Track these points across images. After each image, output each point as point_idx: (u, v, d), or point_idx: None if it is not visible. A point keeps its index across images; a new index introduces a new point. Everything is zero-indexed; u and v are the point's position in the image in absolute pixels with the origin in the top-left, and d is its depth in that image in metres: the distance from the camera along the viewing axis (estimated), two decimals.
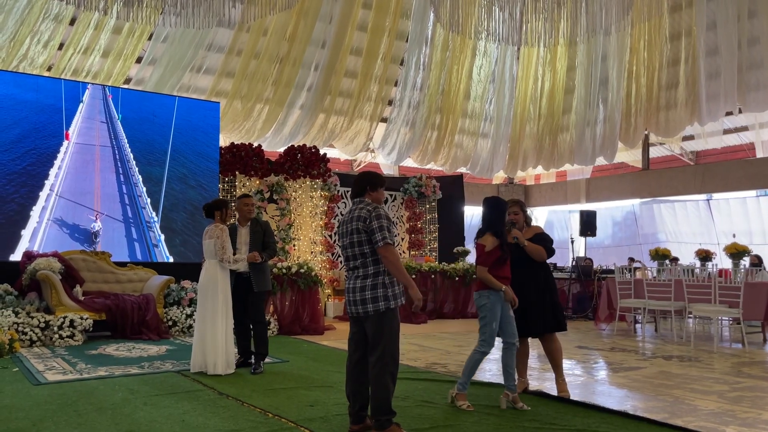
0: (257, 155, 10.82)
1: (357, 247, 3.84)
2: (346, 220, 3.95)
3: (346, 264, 3.99)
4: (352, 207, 4.00)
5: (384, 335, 3.79)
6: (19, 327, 7.17)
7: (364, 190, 4.00)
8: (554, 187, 18.76)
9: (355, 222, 3.84)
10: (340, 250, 4.06)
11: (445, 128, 15.56)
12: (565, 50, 14.79)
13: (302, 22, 12.71)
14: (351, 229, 3.86)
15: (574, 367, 6.55)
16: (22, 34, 10.25)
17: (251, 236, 6.01)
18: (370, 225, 3.78)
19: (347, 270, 3.98)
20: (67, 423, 3.99)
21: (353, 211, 3.93)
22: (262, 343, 5.98)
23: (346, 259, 3.97)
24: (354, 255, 3.88)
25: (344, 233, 3.93)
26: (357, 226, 3.83)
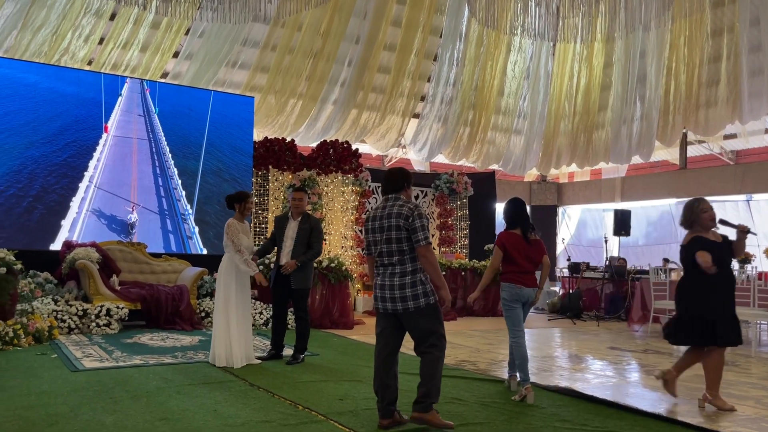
0: (290, 150, 10.89)
1: (395, 243, 3.85)
2: (382, 215, 3.92)
3: (378, 259, 3.95)
4: (386, 202, 3.98)
5: (432, 327, 3.86)
6: (58, 314, 7.36)
7: (401, 186, 4.00)
8: (588, 185, 18.49)
9: (395, 218, 3.84)
10: (371, 245, 4.01)
11: (477, 124, 15.46)
12: (602, 46, 14.54)
13: (337, 18, 12.74)
14: (389, 225, 3.85)
15: (606, 368, 6.46)
16: (64, 28, 10.48)
17: (298, 232, 5.97)
18: (413, 223, 3.81)
19: (379, 265, 3.96)
20: (103, 409, 4.09)
21: (390, 207, 3.92)
22: (299, 338, 6.03)
23: (380, 255, 3.93)
24: (390, 251, 3.87)
25: (379, 228, 3.91)
26: (398, 223, 3.83)
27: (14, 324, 6.41)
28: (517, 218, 5.05)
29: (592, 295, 11.51)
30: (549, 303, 11.88)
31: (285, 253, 5.98)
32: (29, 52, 10.32)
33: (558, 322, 10.39)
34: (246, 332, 5.80)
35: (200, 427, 3.77)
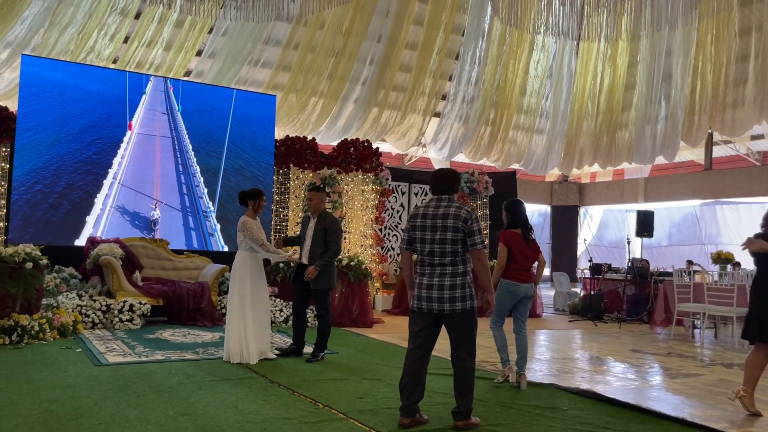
0: (311, 148, 10.93)
1: (450, 244, 3.85)
2: (435, 214, 3.90)
3: (427, 258, 3.91)
4: (439, 202, 3.96)
5: (472, 332, 3.93)
6: (82, 309, 7.46)
7: (454, 188, 4.02)
8: (610, 185, 18.32)
9: (452, 220, 3.84)
10: (417, 242, 3.94)
11: (499, 124, 15.39)
12: (626, 45, 14.38)
13: (359, 16, 12.76)
14: (445, 226, 3.84)
15: (628, 370, 6.39)
16: (90, 27, 10.64)
17: (314, 232, 6.00)
18: (471, 227, 3.85)
19: (426, 264, 3.92)
20: (127, 403, 4.14)
21: (444, 207, 3.91)
22: (320, 336, 6.05)
23: (430, 254, 3.89)
24: (443, 251, 3.86)
25: (431, 227, 3.88)
26: (455, 225, 3.84)
27: (40, 318, 6.52)
28: (518, 219, 5.45)
29: (613, 297, 11.38)
30: (570, 304, 11.78)
31: (304, 252, 6.05)
32: (56, 50, 10.49)
33: (579, 324, 10.30)
34: (263, 328, 5.84)
35: (222, 422, 3.80)
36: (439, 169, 4.24)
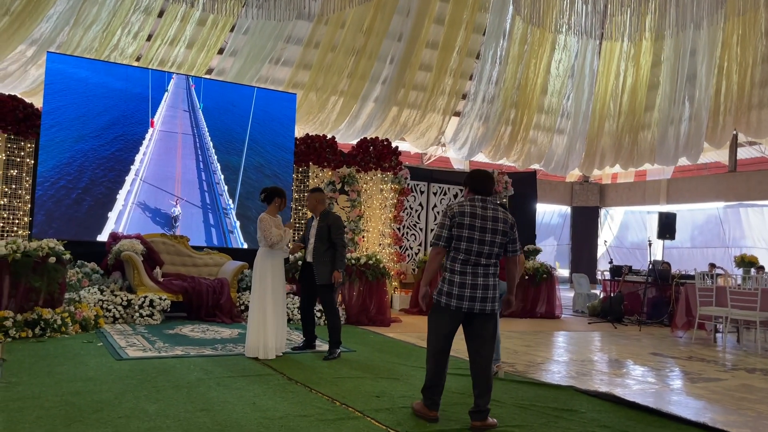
0: (331, 147, 10.95)
1: (498, 247, 3.96)
2: (485, 216, 3.94)
3: (474, 258, 3.92)
4: (485, 204, 4.00)
5: (497, 330, 4.14)
6: (104, 304, 7.56)
7: (493, 190, 4.11)
8: (632, 186, 18.12)
9: (502, 224, 3.96)
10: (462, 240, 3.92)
11: (519, 123, 15.30)
12: (650, 45, 14.21)
13: (380, 15, 12.76)
14: (496, 229, 3.94)
15: (647, 374, 6.32)
16: (114, 25, 10.76)
17: (317, 230, 6.14)
18: (514, 233, 4.03)
19: (472, 264, 3.93)
20: (146, 398, 4.18)
21: (493, 210, 3.99)
22: (331, 331, 6.10)
23: (478, 254, 3.92)
24: (491, 254, 3.95)
25: (480, 228, 3.92)
26: (504, 230, 3.96)
27: (62, 312, 6.62)
28: None
29: (634, 299, 11.26)
30: (589, 306, 11.67)
31: (309, 250, 6.19)
32: (81, 48, 10.63)
33: (598, 326, 10.20)
34: (281, 324, 5.92)
35: (239, 419, 3.82)
36: (480, 170, 4.23)
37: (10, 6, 9.87)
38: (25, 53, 10.56)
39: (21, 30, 10.05)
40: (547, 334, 9.04)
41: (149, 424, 3.63)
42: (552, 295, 11.15)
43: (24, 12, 9.93)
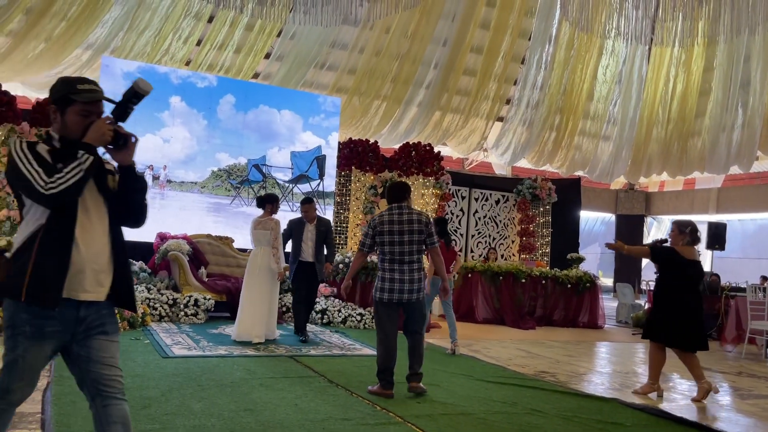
0: (373, 151, 11.01)
1: (416, 245, 4.71)
2: (400, 220, 4.70)
3: (398, 257, 4.69)
4: (400, 210, 4.75)
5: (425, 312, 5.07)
6: (150, 302, 7.75)
7: (406, 196, 4.85)
8: (679, 195, 17.68)
9: (416, 224, 4.70)
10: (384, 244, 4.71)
11: (564, 129, 15.08)
12: (702, 50, 13.82)
13: (425, 20, 12.76)
14: (412, 230, 4.69)
15: (694, 388, 6.14)
16: (166, 30, 11.04)
17: (316, 234, 7.05)
18: (430, 229, 4.77)
19: (394, 262, 4.70)
20: (192, 396, 4.27)
21: (407, 214, 4.73)
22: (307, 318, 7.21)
23: (400, 254, 4.69)
24: (411, 251, 4.71)
25: (398, 231, 4.68)
26: (419, 228, 4.71)
27: None
28: (442, 233, 6.98)
29: None
30: (633, 317, 11.41)
31: (309, 253, 7.02)
32: (133, 52, 10.94)
33: None
34: (270, 312, 6.75)
35: (282, 420, 3.87)
36: (395, 182, 5.10)
37: (67, 11, 10.23)
38: (81, 57, 10.92)
39: (77, 35, 10.41)
40: (590, 344, 8.88)
41: (195, 421, 3.71)
42: (595, 305, 10.95)
43: (80, 17, 10.28)
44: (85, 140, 2.23)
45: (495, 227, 13.03)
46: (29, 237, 2.22)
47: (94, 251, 2.28)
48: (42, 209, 2.21)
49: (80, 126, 2.26)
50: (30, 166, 2.15)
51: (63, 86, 2.30)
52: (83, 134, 2.23)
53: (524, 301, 10.44)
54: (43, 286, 2.18)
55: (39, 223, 2.21)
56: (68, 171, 2.15)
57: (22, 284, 2.19)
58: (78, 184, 2.16)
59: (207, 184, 9.90)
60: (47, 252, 2.20)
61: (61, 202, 2.16)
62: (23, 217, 2.30)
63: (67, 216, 2.22)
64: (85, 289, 2.26)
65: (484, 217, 12.97)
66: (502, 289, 10.29)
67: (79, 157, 2.17)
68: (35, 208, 2.24)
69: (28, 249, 2.21)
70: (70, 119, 2.27)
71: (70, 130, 2.28)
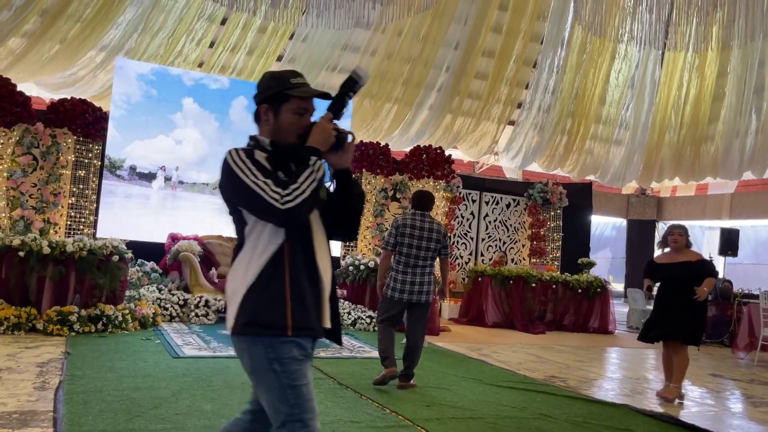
0: (384, 154, 11.00)
1: (432, 251, 5.07)
2: (422, 227, 5.04)
3: (413, 260, 5.02)
4: (423, 218, 5.08)
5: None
6: (161, 302, 7.79)
7: (432, 207, 5.21)
8: (692, 200, 17.54)
9: (435, 233, 5.07)
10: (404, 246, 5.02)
11: (576, 133, 15.02)
12: (716, 55, 13.72)
13: (437, 23, 12.76)
14: (430, 237, 5.04)
15: (706, 396, 6.10)
16: (179, 32, 11.11)
17: None
18: (446, 241, 5.15)
19: (411, 265, 5.02)
20: (202, 396, 4.29)
21: (429, 222, 5.08)
22: None
23: (416, 257, 5.02)
24: (426, 256, 5.05)
25: (418, 236, 5.04)
26: (438, 237, 5.08)
27: (123, 309, 6.86)
28: None
29: None
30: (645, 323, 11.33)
31: None
32: (147, 54, 11.01)
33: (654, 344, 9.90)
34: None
35: None
36: (422, 191, 5.33)
37: (83, 13, 10.31)
38: (95, 59, 11.00)
39: (92, 36, 10.49)
40: (600, 349, 8.84)
41: (205, 422, 3.73)
42: (605, 310, 10.88)
43: (95, 19, 10.36)
44: (309, 143, 1.93)
45: (505, 231, 13.00)
46: (269, 263, 1.91)
47: (328, 272, 2.01)
48: (272, 229, 1.91)
49: (295, 127, 1.99)
50: (256, 178, 1.85)
51: (275, 81, 2.02)
52: (302, 136, 1.97)
53: (534, 305, 10.40)
54: (307, 315, 1.92)
55: (276, 245, 1.91)
56: (303, 180, 1.85)
57: (284, 317, 1.90)
58: (314, 196, 1.87)
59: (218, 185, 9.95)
60: (300, 277, 1.91)
61: (297, 218, 1.85)
62: (243, 239, 1.98)
63: (305, 234, 1.94)
64: (326, 315, 2.01)
65: (495, 220, 12.94)
66: (512, 294, 10.26)
67: (311, 164, 1.88)
68: (262, 228, 1.93)
69: (275, 277, 1.90)
70: (286, 119, 1.99)
71: (285, 133, 2.00)
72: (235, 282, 1.98)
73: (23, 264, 6.45)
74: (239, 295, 1.94)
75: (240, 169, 1.90)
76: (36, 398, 3.98)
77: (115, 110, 9.22)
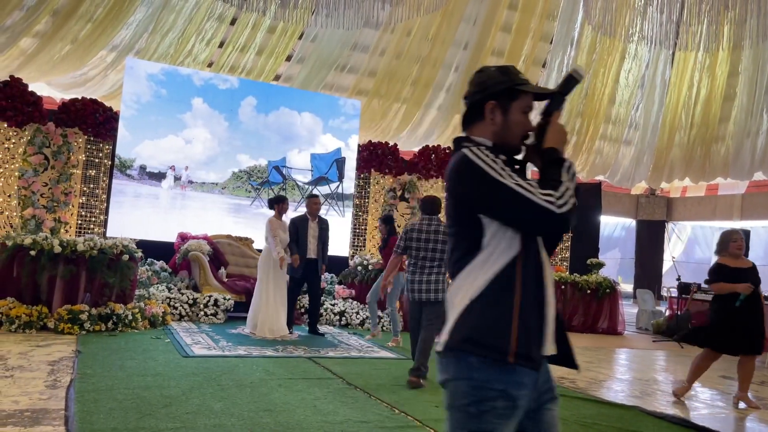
0: (392, 154, 11.01)
1: (439, 252, 5.30)
2: (430, 230, 5.35)
3: (421, 261, 5.30)
4: (430, 221, 5.40)
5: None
6: (171, 302, 7.83)
7: (439, 210, 5.51)
8: (702, 201, 17.43)
9: (441, 235, 5.34)
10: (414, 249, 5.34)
11: (585, 134, 14.96)
12: (727, 55, 13.62)
13: (446, 23, 12.73)
14: (437, 239, 5.34)
15: (716, 397, 6.07)
16: (189, 32, 11.13)
17: (319, 232, 7.49)
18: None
19: (420, 267, 5.30)
20: (212, 395, 4.31)
21: (435, 225, 5.39)
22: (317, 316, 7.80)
23: (423, 258, 5.30)
24: (434, 257, 5.31)
25: (425, 239, 5.34)
26: (444, 239, 5.31)
27: (133, 308, 6.89)
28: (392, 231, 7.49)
29: (702, 318, 10.81)
30: (654, 323, 11.28)
31: (311, 248, 7.41)
32: (157, 54, 11.05)
33: (663, 345, 9.86)
34: (278, 310, 7.05)
35: (301, 421, 3.88)
36: (429, 196, 5.63)
37: (93, 13, 10.36)
38: (105, 59, 11.04)
39: (103, 36, 10.53)
40: (609, 350, 8.80)
41: (215, 421, 3.74)
42: (615, 311, 10.84)
43: (106, 19, 10.40)
44: (549, 145, 1.74)
45: None
46: (501, 274, 1.67)
47: (552, 288, 1.76)
48: (510, 238, 1.68)
49: (522, 127, 1.79)
50: (516, 180, 1.63)
51: (505, 76, 1.81)
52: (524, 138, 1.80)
53: None
54: (529, 341, 1.65)
55: (509, 257, 1.68)
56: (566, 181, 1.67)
57: (509, 338, 1.63)
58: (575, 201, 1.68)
59: (228, 185, 9.98)
60: (529, 294, 1.68)
61: (571, 223, 1.64)
62: (473, 249, 1.72)
63: (535, 245, 1.73)
64: (551, 340, 1.75)
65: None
66: None
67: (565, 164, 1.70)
68: (501, 237, 1.69)
69: (506, 290, 1.66)
70: (515, 119, 1.78)
71: (512, 133, 1.79)
72: (458, 295, 1.73)
73: (35, 263, 6.50)
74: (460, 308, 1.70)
75: (493, 169, 1.65)
76: (48, 396, 4.00)
77: (125, 110, 9.26)
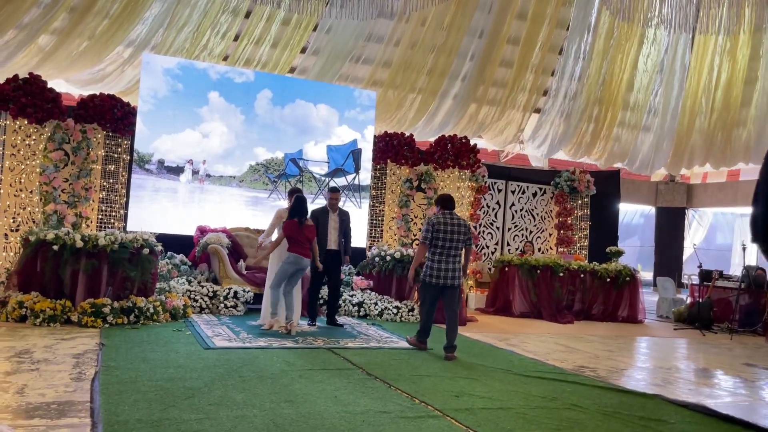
0: (408, 144, 10.97)
1: (459, 242, 6.10)
2: (452, 223, 6.10)
3: (445, 251, 6.05)
4: (452, 216, 6.13)
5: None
6: (191, 294, 7.90)
7: (454, 207, 6.29)
8: (723, 187, 17.19)
9: (464, 228, 6.15)
10: (439, 240, 6.04)
11: (603, 121, 14.79)
12: (748, 38, 13.37)
13: (461, 11, 12.64)
14: (459, 231, 6.10)
15: (739, 385, 6.01)
16: (204, 26, 11.18)
17: (339, 223, 7.67)
18: (469, 233, 6.22)
19: (445, 255, 6.05)
20: (233, 387, 4.35)
21: (457, 219, 6.15)
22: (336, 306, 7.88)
23: (448, 248, 6.05)
24: (456, 247, 6.10)
25: (450, 231, 6.07)
26: (464, 231, 6.16)
27: (154, 301, 6.97)
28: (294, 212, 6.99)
29: (724, 306, 10.70)
30: (675, 311, 11.18)
31: (332, 240, 7.60)
32: (173, 48, 11.11)
33: (685, 333, 9.77)
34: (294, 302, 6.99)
35: (322, 411, 3.91)
36: (445, 194, 6.36)
37: (110, 9, 10.43)
38: (122, 54, 11.12)
39: (119, 32, 10.61)
40: (630, 339, 8.74)
41: (237, 412, 3.78)
42: (635, 299, 10.76)
43: (122, 15, 10.47)
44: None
45: (532, 220, 12.89)
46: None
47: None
48: None
49: None
50: None
51: None
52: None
53: (562, 295, 10.33)
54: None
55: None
56: None
57: None
58: None
59: (245, 178, 10.02)
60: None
61: None
62: None
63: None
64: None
65: (521, 210, 12.83)
66: (540, 283, 10.20)
67: None
68: None
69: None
70: None
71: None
72: None
73: (57, 258, 6.60)
74: None
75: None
76: (73, 389, 4.07)
77: (142, 105, 9.32)
